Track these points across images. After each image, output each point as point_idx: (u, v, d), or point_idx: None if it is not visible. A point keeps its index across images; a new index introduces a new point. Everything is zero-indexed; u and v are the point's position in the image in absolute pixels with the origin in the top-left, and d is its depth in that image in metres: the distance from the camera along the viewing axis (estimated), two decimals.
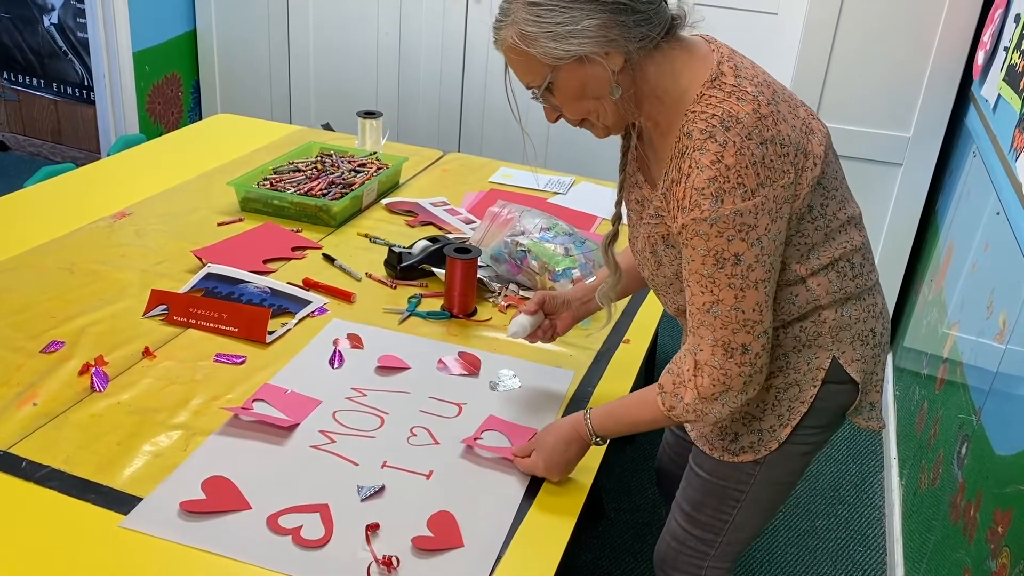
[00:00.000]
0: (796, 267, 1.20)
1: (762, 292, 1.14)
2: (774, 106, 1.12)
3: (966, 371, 1.92)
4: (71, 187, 2.33)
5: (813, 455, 1.36)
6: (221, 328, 1.69)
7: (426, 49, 3.65)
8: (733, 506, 1.37)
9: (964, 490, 1.70)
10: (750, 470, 1.33)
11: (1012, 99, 2.04)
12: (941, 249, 2.58)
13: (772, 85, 1.16)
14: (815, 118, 1.20)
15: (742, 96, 1.11)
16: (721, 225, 1.09)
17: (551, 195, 2.48)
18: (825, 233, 1.20)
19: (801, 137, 1.14)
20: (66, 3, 3.89)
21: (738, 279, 1.12)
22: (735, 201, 1.08)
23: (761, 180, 1.09)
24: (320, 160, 2.44)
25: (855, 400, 1.30)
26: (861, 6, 2.73)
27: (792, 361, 1.25)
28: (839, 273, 1.22)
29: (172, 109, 4.08)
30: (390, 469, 1.36)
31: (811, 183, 1.15)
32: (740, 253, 1.11)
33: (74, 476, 1.29)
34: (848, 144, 2.87)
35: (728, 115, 1.09)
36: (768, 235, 1.11)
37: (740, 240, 1.10)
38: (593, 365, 1.69)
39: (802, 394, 1.26)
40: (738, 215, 1.09)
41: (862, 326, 1.26)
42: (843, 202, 1.22)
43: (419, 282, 1.94)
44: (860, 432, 2.77)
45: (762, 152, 1.09)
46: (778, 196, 1.11)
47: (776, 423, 1.28)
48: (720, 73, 1.13)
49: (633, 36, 1.11)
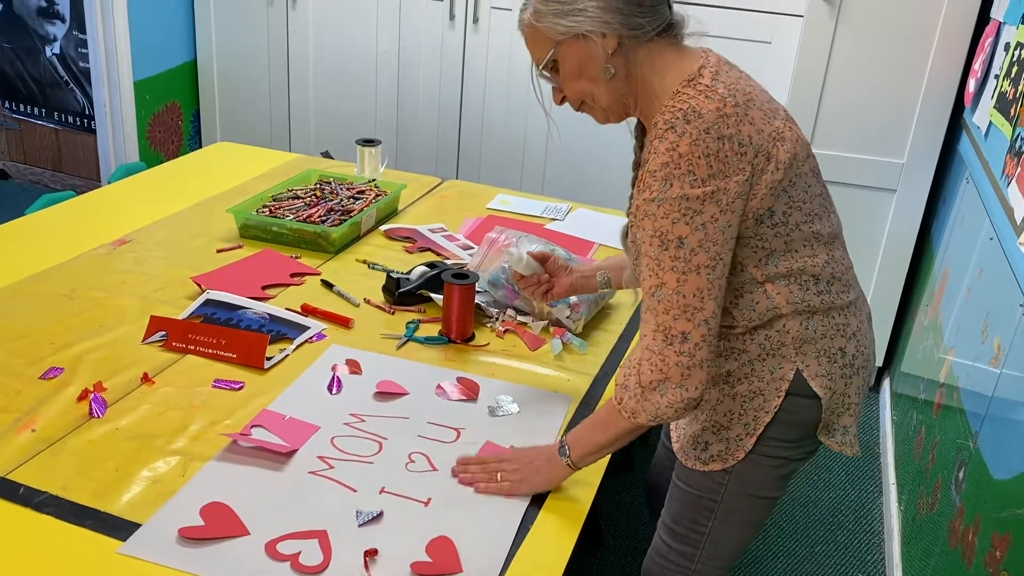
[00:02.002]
0: (752, 270, 1.24)
1: (704, 279, 1.18)
2: (742, 109, 1.18)
3: (962, 396, 1.93)
4: (71, 215, 2.35)
5: (788, 473, 1.37)
6: (220, 354, 1.69)
7: (425, 77, 3.69)
8: (708, 517, 1.38)
9: (963, 515, 1.70)
10: (720, 479, 1.35)
11: (1003, 126, 2.06)
12: (936, 274, 2.59)
13: (751, 93, 1.22)
14: (793, 130, 1.24)
15: (711, 95, 1.18)
16: (667, 207, 1.16)
17: (548, 221, 2.50)
18: (785, 241, 1.23)
19: (766, 141, 1.19)
20: (68, 33, 3.93)
21: (680, 262, 1.17)
22: (683, 187, 1.15)
23: (713, 172, 1.15)
24: (319, 187, 2.46)
25: (819, 417, 1.31)
26: (853, 35, 2.77)
27: (757, 369, 1.28)
28: (800, 286, 1.25)
29: (172, 137, 4.11)
30: (388, 495, 1.36)
31: (771, 186, 1.19)
32: (684, 236, 1.16)
33: (72, 502, 1.29)
34: (842, 170, 2.90)
35: (692, 110, 1.16)
36: (714, 223, 1.16)
37: (684, 224, 1.16)
38: (591, 389, 1.70)
39: (767, 404, 1.28)
40: (684, 199, 1.15)
41: (828, 343, 1.28)
42: (812, 216, 1.25)
43: (417, 308, 1.95)
44: (858, 457, 2.76)
45: (718, 146, 1.15)
46: (729, 190, 1.16)
47: (743, 431, 1.30)
48: (699, 75, 1.21)
49: (629, 24, 1.21)
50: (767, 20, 3.12)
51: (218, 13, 3.93)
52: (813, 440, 1.34)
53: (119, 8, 3.67)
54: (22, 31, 4.02)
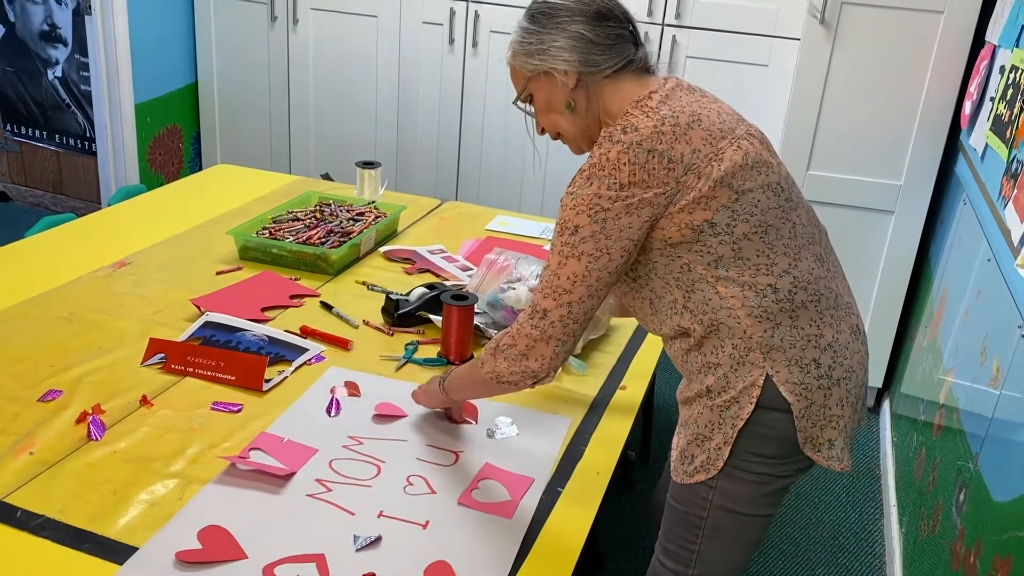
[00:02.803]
0: (702, 271, 1.29)
1: (583, 265, 1.26)
2: (682, 129, 1.25)
3: (962, 417, 1.92)
4: (71, 237, 2.36)
5: (776, 490, 1.36)
6: (218, 376, 1.69)
7: (424, 99, 3.72)
8: (696, 534, 1.39)
9: (964, 537, 1.69)
10: (704, 494, 1.35)
11: (999, 148, 2.07)
12: (935, 296, 2.60)
13: (700, 115, 1.28)
14: (741, 149, 1.27)
15: (651, 115, 1.27)
16: (579, 200, 1.25)
17: (547, 242, 2.50)
18: (733, 249, 1.27)
19: (700, 160, 1.24)
20: (70, 57, 3.96)
21: (568, 247, 1.27)
22: (600, 187, 1.24)
23: (635, 180, 1.23)
24: (319, 209, 2.47)
25: (794, 430, 1.31)
26: (850, 57, 2.79)
27: (731, 380, 1.30)
28: (756, 293, 1.28)
29: (173, 160, 4.13)
30: (387, 519, 1.36)
31: (701, 201, 1.24)
32: (580, 226, 1.25)
33: (69, 525, 1.29)
34: (840, 192, 2.91)
35: (631, 125, 1.26)
36: (615, 220, 1.24)
37: (586, 216, 1.25)
38: (590, 412, 1.70)
39: (741, 411, 1.30)
40: (597, 197, 1.24)
41: (799, 352, 1.30)
42: (764, 228, 1.28)
43: (416, 329, 1.95)
44: (858, 478, 2.76)
45: (646, 158, 1.23)
46: (644, 198, 1.24)
47: (722, 441, 1.32)
48: (648, 98, 1.30)
49: (586, 61, 1.32)
50: (764, 43, 3.15)
51: (219, 37, 3.97)
52: (799, 456, 1.34)
53: (120, 32, 3.70)
54: (24, 55, 4.05)
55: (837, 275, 1.39)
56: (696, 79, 1.36)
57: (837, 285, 1.37)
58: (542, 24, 1.34)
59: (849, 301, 1.39)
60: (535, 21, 1.36)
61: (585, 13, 1.33)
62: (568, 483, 1.48)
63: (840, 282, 1.39)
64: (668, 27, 3.21)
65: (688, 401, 1.37)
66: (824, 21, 2.76)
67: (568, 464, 1.54)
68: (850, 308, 1.38)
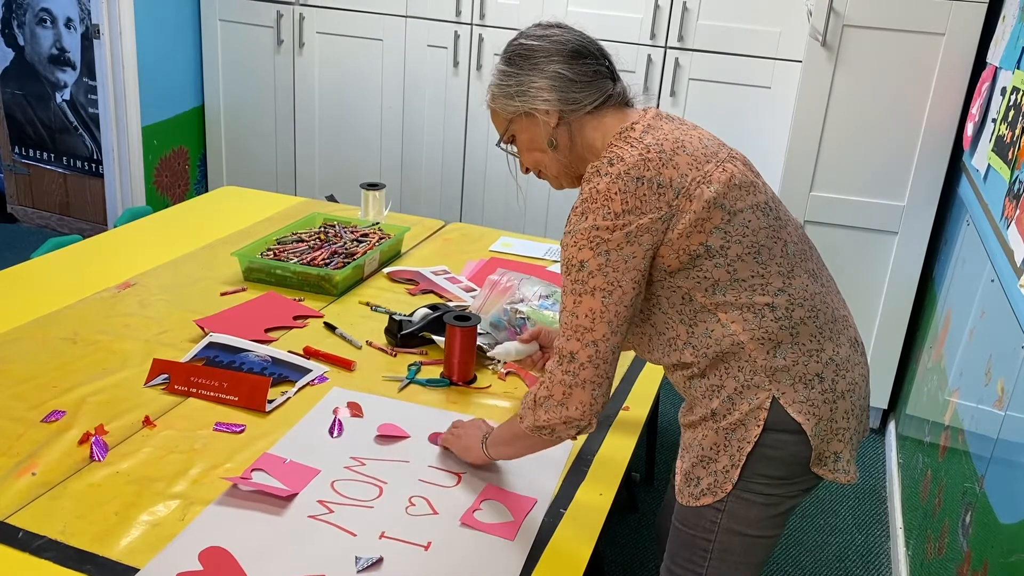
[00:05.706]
0: (701, 299, 1.28)
1: (598, 301, 1.24)
2: (667, 155, 1.27)
3: (967, 438, 1.91)
4: (77, 258, 2.37)
5: (784, 512, 1.36)
6: (221, 397, 1.70)
7: (429, 122, 3.74)
8: (704, 557, 1.38)
9: (970, 560, 1.68)
10: (712, 517, 1.35)
11: (1001, 169, 2.08)
12: (940, 316, 2.59)
13: (683, 142, 1.29)
14: (727, 171, 1.29)
15: (635, 144, 1.28)
16: (578, 236, 1.25)
17: (550, 263, 2.51)
18: (728, 272, 1.27)
19: (689, 184, 1.25)
20: (78, 80, 3.99)
21: (579, 285, 1.26)
22: (596, 219, 1.24)
23: (628, 208, 1.23)
24: (323, 230, 2.48)
25: (808, 452, 1.31)
26: (852, 79, 2.80)
27: (736, 403, 1.30)
28: (755, 314, 1.28)
29: (179, 182, 4.16)
30: (388, 540, 1.35)
31: (696, 224, 1.24)
32: (585, 260, 1.25)
33: (71, 546, 1.29)
34: (843, 213, 2.92)
35: (616, 156, 1.27)
36: (618, 251, 1.24)
37: (588, 249, 1.24)
38: (593, 432, 1.69)
39: (748, 434, 1.30)
40: (595, 229, 1.24)
41: (803, 369, 1.30)
42: (756, 248, 1.29)
43: (419, 350, 1.95)
44: (864, 501, 2.74)
45: (635, 186, 1.24)
46: (641, 225, 1.24)
47: (729, 463, 1.32)
48: (630, 129, 1.31)
49: (566, 99, 1.34)
50: (767, 65, 3.16)
51: (226, 60, 4.01)
52: (807, 476, 1.34)
53: (128, 55, 3.74)
54: (33, 78, 4.09)
55: (831, 290, 1.39)
56: (699, 101, 1.37)
57: (832, 300, 1.37)
58: (519, 66, 1.35)
59: (845, 315, 1.39)
60: (512, 63, 1.36)
61: (562, 52, 1.34)
62: (571, 504, 1.48)
63: (835, 296, 1.39)
64: (671, 50, 3.23)
65: (692, 425, 1.36)
66: (826, 43, 2.78)
67: (571, 485, 1.53)
68: (847, 321, 1.39)
